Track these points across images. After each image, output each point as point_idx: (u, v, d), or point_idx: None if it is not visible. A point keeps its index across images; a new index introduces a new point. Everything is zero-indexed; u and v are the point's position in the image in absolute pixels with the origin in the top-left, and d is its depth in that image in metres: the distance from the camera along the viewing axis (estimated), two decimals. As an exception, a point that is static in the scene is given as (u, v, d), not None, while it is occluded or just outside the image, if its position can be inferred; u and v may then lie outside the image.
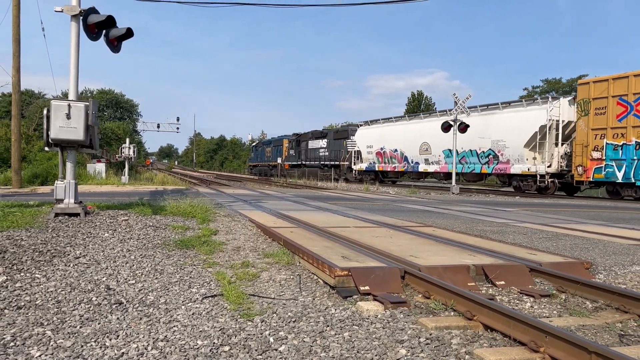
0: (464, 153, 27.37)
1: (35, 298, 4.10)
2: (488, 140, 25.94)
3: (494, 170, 25.94)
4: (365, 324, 3.61)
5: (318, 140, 44.65)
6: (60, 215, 7.54)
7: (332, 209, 11.73)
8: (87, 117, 7.29)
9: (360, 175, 37.76)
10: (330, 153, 42.07)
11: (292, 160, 49.95)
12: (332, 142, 42.10)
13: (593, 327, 3.68)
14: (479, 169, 26.84)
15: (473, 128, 24.36)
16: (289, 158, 51.14)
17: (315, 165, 44.26)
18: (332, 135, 42.67)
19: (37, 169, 22.47)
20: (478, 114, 26.78)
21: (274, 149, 56.51)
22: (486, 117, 26.59)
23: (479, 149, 26.55)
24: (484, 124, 26.11)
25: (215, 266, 5.37)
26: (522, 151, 24.03)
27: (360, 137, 37.63)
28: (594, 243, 7.17)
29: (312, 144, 45.81)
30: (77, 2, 7.59)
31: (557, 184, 23.64)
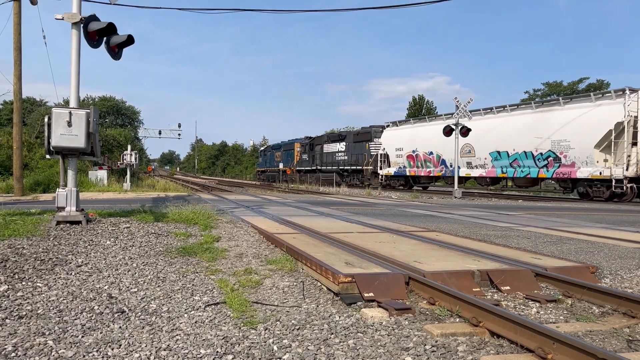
0: (516, 155, 24.45)
1: (37, 307, 4.06)
2: (547, 140, 22.89)
3: (555, 174, 22.76)
4: (370, 331, 3.57)
5: (335, 144, 42.04)
6: (61, 223, 7.51)
7: (334, 215, 11.69)
8: (88, 125, 7.28)
9: (388, 180, 34.74)
10: (349, 157, 39.25)
11: (306, 165, 47.45)
12: (351, 145, 39.19)
13: (600, 333, 3.63)
14: (535, 172, 23.61)
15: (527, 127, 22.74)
16: (301, 163, 48.84)
17: (332, 170, 41.71)
18: (351, 137, 39.68)
19: (39, 177, 22.48)
20: (532, 110, 24.08)
21: (284, 154, 54.50)
22: (543, 114, 23.68)
23: (535, 150, 23.40)
24: (541, 122, 23.31)
25: (218, 273, 5.33)
26: (591, 152, 21.26)
27: (387, 139, 34.50)
28: (599, 247, 7.12)
29: (328, 147, 43.17)
30: (78, 9, 7.60)
31: (635, 190, 20.89)
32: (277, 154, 57.00)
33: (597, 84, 51.97)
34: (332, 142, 42.89)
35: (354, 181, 38.79)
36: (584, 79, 53.65)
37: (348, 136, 40.96)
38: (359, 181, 37.98)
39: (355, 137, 39.28)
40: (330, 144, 42.97)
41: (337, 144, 41.83)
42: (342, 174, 40.38)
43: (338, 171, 40.70)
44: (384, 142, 34.77)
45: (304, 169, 47.77)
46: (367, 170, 36.34)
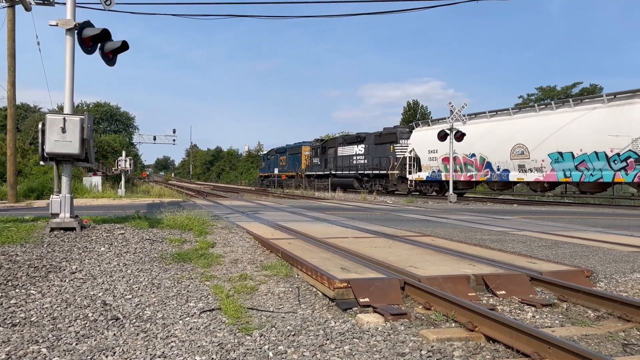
0: (583, 157, 21.21)
1: (31, 315, 4.04)
2: (626, 138, 19.60)
3: (637, 177, 19.48)
4: (366, 336, 3.56)
5: (352, 146, 38.14)
6: (55, 230, 7.47)
7: (330, 220, 11.68)
8: (82, 131, 7.25)
9: (419, 186, 31.13)
10: (370, 161, 35.34)
11: (317, 169, 43.54)
12: (372, 148, 35.32)
13: (596, 337, 3.63)
14: (609, 176, 20.30)
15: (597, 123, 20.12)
16: (311, 167, 44.94)
17: (349, 175, 38.08)
18: (372, 139, 35.60)
19: (33, 183, 22.36)
20: (604, 105, 20.88)
21: (290, 158, 51.27)
22: (619, 108, 20.33)
23: (610, 150, 20.22)
24: (617, 117, 20.08)
25: (213, 279, 5.31)
26: None
27: (417, 141, 30.86)
28: (594, 250, 7.14)
29: (344, 150, 39.38)
30: (72, 16, 7.58)
31: None
32: (281, 158, 54.01)
33: (590, 89, 52.29)
34: (348, 144, 38.97)
35: (376, 187, 34.87)
36: (577, 83, 54.00)
37: (368, 138, 36.77)
38: (382, 187, 34.35)
39: (377, 139, 35.22)
40: (347, 146, 39.13)
41: (354, 147, 37.92)
42: (362, 179, 36.66)
43: (357, 176, 37.02)
44: (413, 143, 31.18)
45: (315, 173, 43.90)
46: (392, 175, 32.46)
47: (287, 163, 51.93)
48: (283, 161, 53.26)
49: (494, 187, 26.75)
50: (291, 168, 50.24)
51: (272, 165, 55.98)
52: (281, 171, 52.34)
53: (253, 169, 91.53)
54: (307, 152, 47.12)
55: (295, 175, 48.07)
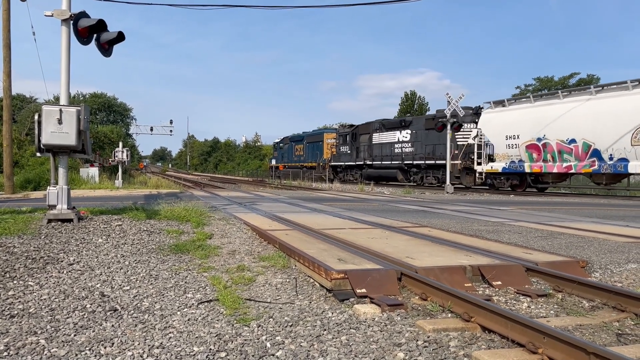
0: None
1: (29, 306, 4.05)
2: None
3: None
4: (363, 327, 3.59)
5: (393, 132, 32.73)
6: (53, 221, 7.47)
7: (327, 211, 11.70)
8: (79, 122, 7.23)
9: (491, 179, 26.23)
10: (420, 149, 30.17)
11: (346, 159, 38.34)
12: (422, 134, 30.14)
13: (590, 327, 3.67)
14: None
15: None
16: (339, 157, 39.62)
17: (391, 166, 32.71)
18: (421, 123, 30.41)
19: (30, 175, 22.32)
20: None
21: (308, 147, 46.10)
22: None
23: None
24: None
25: (211, 270, 5.33)
26: None
27: (488, 125, 25.94)
28: (589, 241, 7.18)
29: (382, 137, 34.16)
30: (68, 6, 7.53)
31: None
32: (297, 147, 48.76)
33: (587, 79, 52.29)
34: (388, 130, 33.62)
35: (428, 179, 29.88)
36: (575, 74, 53.97)
37: (416, 122, 31.58)
38: (436, 180, 29.32)
39: (428, 123, 29.62)
40: (385, 132, 33.83)
41: (396, 133, 32.52)
42: (409, 170, 31.22)
43: (401, 167, 31.60)
44: (483, 128, 26.10)
45: (344, 164, 38.51)
46: (456, 165, 27.02)
47: (305, 152, 46.78)
48: (300, 150, 48.17)
49: (602, 180, 21.53)
50: (310, 158, 45.08)
51: (287, 155, 51.60)
52: (298, 161, 47.84)
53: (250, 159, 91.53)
54: (330, 140, 42.28)
55: (316, 166, 43.06)
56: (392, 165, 32.72)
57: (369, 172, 35.06)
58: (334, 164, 40.61)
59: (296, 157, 48.78)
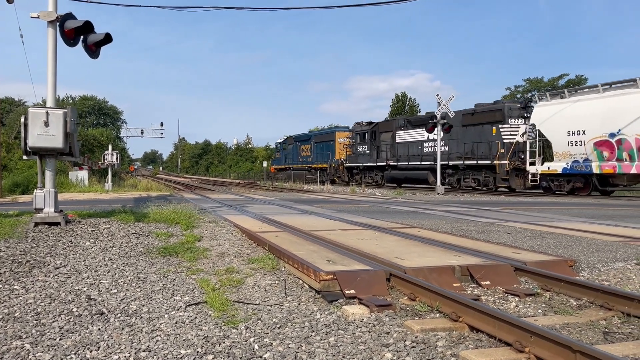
0: None
1: (14, 310, 4.01)
2: None
3: None
4: (351, 328, 3.58)
5: (421, 129, 29.01)
6: (40, 225, 7.40)
7: (318, 212, 11.69)
8: (65, 125, 7.17)
9: (548, 181, 23.08)
10: (456, 147, 27.13)
11: (364, 159, 35.19)
12: (459, 131, 26.78)
13: (578, 325, 3.69)
14: None
15: None
16: (355, 157, 36.46)
17: (420, 167, 29.44)
18: (457, 119, 26.42)
19: (18, 178, 22.14)
20: None
21: (317, 147, 43.07)
22: None
23: None
24: None
25: (199, 273, 5.30)
26: None
27: (545, 119, 22.63)
28: (578, 240, 7.22)
29: (407, 135, 30.82)
30: (54, 8, 7.47)
31: None
32: (303, 148, 45.66)
33: (576, 80, 52.71)
34: (414, 127, 30.36)
35: (467, 182, 26.78)
36: (564, 75, 54.34)
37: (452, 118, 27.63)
38: (477, 183, 26.16)
39: (466, 119, 26.62)
40: (412, 130, 30.66)
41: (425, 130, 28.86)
42: (443, 172, 26.79)
43: (433, 168, 27.02)
44: (538, 123, 22.98)
45: (362, 165, 35.38)
46: (502, 166, 24.04)
47: (312, 153, 43.53)
48: (306, 151, 44.99)
49: None
50: (320, 159, 42.01)
51: (291, 156, 48.45)
52: (304, 162, 44.81)
53: (242, 162, 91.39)
54: (343, 140, 39.29)
55: (327, 167, 40.19)
56: (422, 166, 29.28)
57: (393, 173, 32.04)
58: (349, 165, 37.52)
59: (302, 158, 45.70)
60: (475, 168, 25.98)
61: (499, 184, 24.37)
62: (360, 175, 36.02)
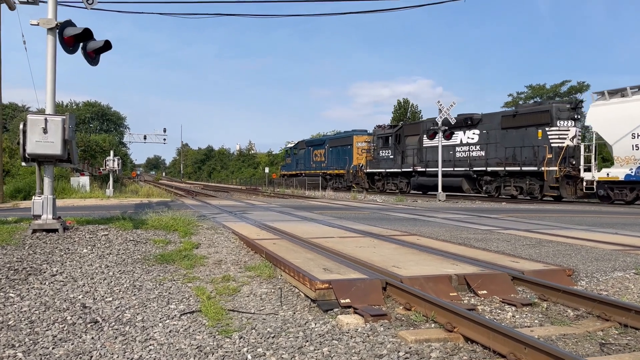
0: None
1: (8, 318, 3.99)
2: None
3: None
4: (345, 338, 3.56)
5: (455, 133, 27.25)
6: (37, 232, 7.40)
7: (317, 219, 11.67)
8: (64, 131, 7.18)
9: (606, 189, 21.08)
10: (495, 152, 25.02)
11: (387, 165, 32.90)
12: (498, 134, 24.99)
13: (574, 337, 3.66)
14: None
15: None
16: (377, 162, 33.98)
17: (453, 173, 27.21)
18: (496, 120, 25.18)
19: (20, 184, 22.13)
20: None
21: (332, 151, 40.90)
22: None
23: None
24: None
25: (196, 281, 5.28)
26: None
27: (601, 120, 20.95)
28: (577, 249, 7.19)
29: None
30: (54, 15, 7.50)
31: None
32: (316, 153, 43.40)
33: (578, 86, 52.68)
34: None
35: (507, 190, 24.72)
36: (566, 81, 54.22)
37: (487, 119, 26.00)
38: (519, 191, 24.20)
39: (506, 121, 24.76)
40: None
41: (458, 133, 27.19)
42: (480, 178, 25.89)
43: (468, 174, 26.27)
44: (595, 124, 21.29)
45: (384, 170, 33.22)
46: (550, 173, 21.93)
47: (327, 158, 41.40)
48: (320, 156, 42.66)
49: None
50: (335, 164, 39.96)
51: (303, 161, 46.16)
52: (317, 168, 42.68)
53: (244, 168, 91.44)
54: (362, 144, 37.22)
55: (345, 173, 38.17)
56: (455, 172, 27.06)
57: (421, 180, 29.58)
58: (370, 171, 35.07)
59: (315, 164, 43.42)
60: (518, 175, 23.89)
61: (546, 193, 22.31)
62: (383, 182, 34.04)
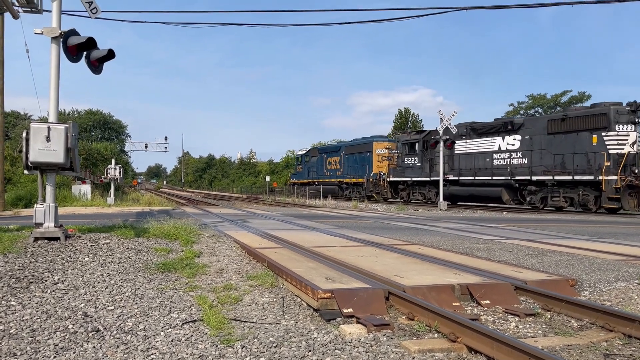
0: None
1: (10, 327, 3.98)
2: None
3: None
4: (348, 348, 3.54)
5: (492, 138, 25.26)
6: (39, 240, 7.39)
7: (319, 228, 11.66)
8: (67, 140, 7.19)
9: None
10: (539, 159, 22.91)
11: (413, 173, 30.47)
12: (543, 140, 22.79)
13: (578, 347, 3.63)
14: None
15: None
16: (402, 170, 31.58)
17: (492, 182, 24.95)
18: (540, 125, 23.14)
19: (21, 192, 22.14)
20: None
21: (348, 159, 38.86)
22: None
23: None
24: None
25: (197, 290, 5.27)
26: None
27: None
28: (579, 259, 7.16)
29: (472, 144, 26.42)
30: (58, 24, 7.54)
31: None
32: (331, 160, 41.32)
33: (578, 96, 52.82)
34: (481, 135, 26.14)
35: (555, 201, 22.37)
36: (567, 91, 54.40)
37: (530, 124, 23.93)
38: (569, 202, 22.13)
39: (553, 125, 22.54)
40: (477, 139, 26.33)
41: (496, 139, 25.09)
42: (523, 188, 23.79)
43: (509, 184, 24.12)
44: None
45: (410, 179, 30.63)
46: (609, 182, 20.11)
47: (343, 166, 39.36)
48: (335, 163, 40.67)
49: None
50: (352, 172, 37.96)
51: (315, 169, 43.99)
52: (332, 177, 40.66)
53: (245, 176, 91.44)
54: (382, 151, 35.31)
55: (364, 182, 36.06)
56: (494, 181, 24.88)
57: (453, 190, 27.32)
58: (393, 180, 32.80)
59: (329, 172, 41.23)
60: (569, 184, 21.64)
61: (605, 205, 20.34)
62: (408, 192, 31.76)
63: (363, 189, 36.13)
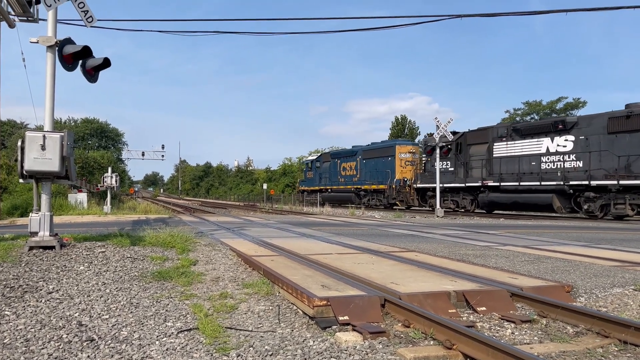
0: None
1: (4, 337, 3.95)
2: None
3: None
4: (344, 355, 3.53)
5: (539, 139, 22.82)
6: (34, 249, 7.36)
7: (316, 235, 11.64)
8: (62, 148, 7.18)
9: None
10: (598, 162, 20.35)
11: (445, 179, 26.93)
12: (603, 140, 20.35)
13: (574, 354, 3.63)
14: None
15: None
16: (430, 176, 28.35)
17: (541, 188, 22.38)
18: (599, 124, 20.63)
19: (17, 200, 22.10)
20: None
21: (366, 164, 35.86)
22: None
23: None
24: None
25: (193, 298, 5.25)
26: None
27: None
28: (575, 265, 7.17)
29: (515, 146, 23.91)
30: (53, 33, 7.56)
31: None
32: (346, 166, 38.56)
33: (574, 103, 53.08)
34: (524, 136, 23.55)
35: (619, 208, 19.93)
36: (562, 98, 54.69)
37: (584, 123, 21.34)
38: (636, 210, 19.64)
39: (615, 124, 20.00)
40: (519, 140, 23.73)
41: (543, 140, 22.60)
42: (579, 195, 21.16)
43: (562, 190, 21.40)
44: None
45: (442, 185, 26.47)
46: None
47: (360, 171, 36.57)
48: (350, 169, 37.95)
49: None
50: (371, 178, 35.03)
51: (327, 175, 41.39)
52: (348, 183, 37.87)
53: (242, 184, 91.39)
54: (405, 155, 32.64)
55: (386, 188, 32.99)
56: (542, 187, 22.21)
57: (492, 197, 24.84)
58: (422, 186, 29.68)
59: (344, 178, 38.48)
60: (637, 190, 19.23)
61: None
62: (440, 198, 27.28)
63: (384, 197, 33.23)
